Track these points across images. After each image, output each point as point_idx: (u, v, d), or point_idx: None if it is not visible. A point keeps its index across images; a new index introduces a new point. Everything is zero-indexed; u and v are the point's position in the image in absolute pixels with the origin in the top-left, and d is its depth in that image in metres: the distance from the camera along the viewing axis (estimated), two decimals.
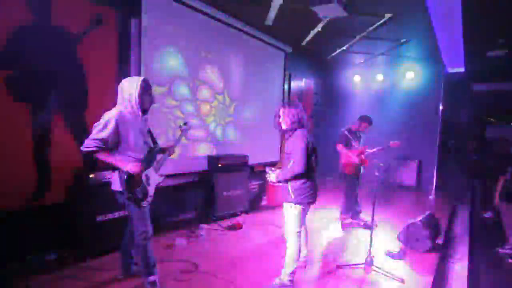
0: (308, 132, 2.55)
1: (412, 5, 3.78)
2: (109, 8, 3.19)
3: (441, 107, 6.83)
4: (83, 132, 3.07)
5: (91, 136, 2.02)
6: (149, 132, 2.36)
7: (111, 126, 2.03)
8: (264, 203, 5.21)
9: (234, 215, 4.37)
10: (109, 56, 3.26)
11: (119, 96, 2.17)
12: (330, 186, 6.74)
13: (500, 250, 3.91)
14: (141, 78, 2.18)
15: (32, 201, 2.73)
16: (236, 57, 4.92)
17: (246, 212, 4.56)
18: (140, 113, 2.16)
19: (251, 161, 4.92)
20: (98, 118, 3.11)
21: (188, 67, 4.13)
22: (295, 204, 2.44)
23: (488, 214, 5.38)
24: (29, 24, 2.63)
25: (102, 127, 2.03)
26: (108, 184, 2.87)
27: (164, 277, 2.56)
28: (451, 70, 6.72)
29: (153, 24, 3.60)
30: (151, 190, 2.26)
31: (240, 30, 4.86)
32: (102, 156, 2.04)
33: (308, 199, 2.48)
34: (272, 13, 4.28)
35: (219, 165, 4.19)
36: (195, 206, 4.28)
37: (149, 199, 2.25)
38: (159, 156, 2.39)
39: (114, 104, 3.25)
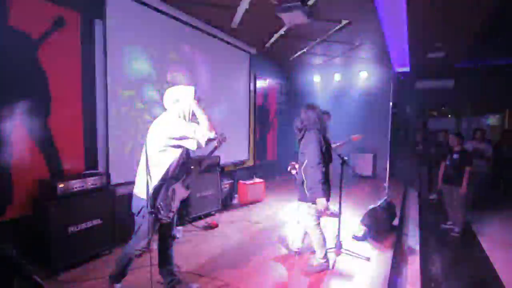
0: (321, 133, 2.75)
1: (366, 13, 4.18)
2: (71, 9, 3.07)
3: (391, 103, 7.56)
4: (48, 141, 2.94)
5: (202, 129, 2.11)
6: None
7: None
8: (235, 201, 5.34)
9: (208, 215, 4.45)
10: (72, 59, 3.13)
11: (173, 103, 2.20)
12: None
13: (443, 226, 4.55)
14: (192, 87, 2.24)
15: None
16: (203, 59, 4.97)
17: (220, 211, 4.66)
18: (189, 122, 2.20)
19: (221, 161, 5.02)
20: (62, 124, 3.04)
21: (156, 69, 4.10)
22: (312, 203, 2.70)
23: (433, 196, 6.14)
24: None
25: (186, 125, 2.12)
26: (77, 193, 2.83)
27: (147, 281, 2.57)
28: (398, 69, 7.48)
29: (119, 26, 3.51)
30: (174, 206, 2.16)
31: (206, 32, 4.91)
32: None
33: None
34: (238, 17, 4.42)
35: (191, 167, 4.22)
36: None
37: (171, 214, 2.15)
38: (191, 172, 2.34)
39: (77, 110, 3.19)
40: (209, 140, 2.09)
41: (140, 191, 2.10)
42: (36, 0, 2.78)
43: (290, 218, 4.38)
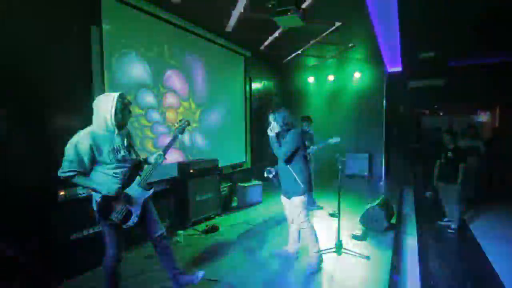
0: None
1: (358, 15, 4.26)
2: (69, 16, 3.07)
3: (384, 103, 7.68)
4: (47, 148, 2.92)
5: (64, 161, 1.98)
6: (130, 146, 2.25)
7: (72, 150, 1.97)
8: (234, 204, 5.35)
9: (208, 218, 4.45)
10: (70, 67, 3.13)
11: (94, 113, 2.09)
12: None
13: (440, 223, 4.62)
14: (117, 94, 2.10)
15: None
16: (199, 62, 5.00)
17: (219, 215, 4.67)
18: (116, 130, 2.09)
19: (219, 164, 5.03)
20: (61, 131, 3.02)
21: (152, 74, 4.10)
22: (304, 194, 2.81)
23: (428, 194, 6.24)
24: None
25: (69, 150, 1.98)
26: (80, 200, 2.83)
27: (151, 286, 2.59)
28: (391, 69, 7.60)
29: (115, 31, 3.53)
30: (135, 210, 2.16)
31: (201, 36, 4.95)
32: (79, 181, 2.00)
33: (309, 187, 2.90)
34: (233, 21, 4.46)
35: (191, 171, 4.24)
36: (168, 214, 4.27)
37: (135, 219, 2.15)
38: (144, 170, 2.27)
39: (77, 115, 3.18)
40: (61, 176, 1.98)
41: (92, 204, 2.13)
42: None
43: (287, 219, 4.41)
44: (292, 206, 2.93)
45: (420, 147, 6.74)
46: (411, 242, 3.71)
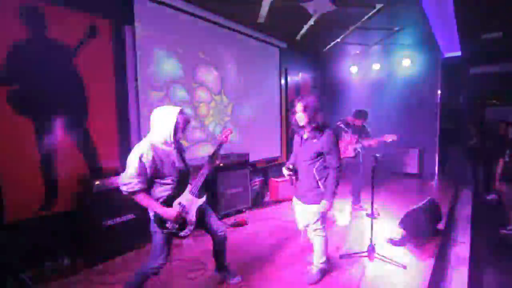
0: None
1: None
2: (102, 17, 3.26)
3: (439, 93, 6.82)
4: (86, 141, 3.18)
5: (128, 175, 1.92)
6: (182, 156, 2.23)
7: (136, 163, 1.93)
8: (267, 199, 5.28)
9: (238, 212, 4.45)
10: (105, 65, 3.33)
11: (153, 125, 2.06)
12: None
13: (503, 231, 3.96)
14: (177, 109, 2.07)
15: (42, 210, 2.83)
16: (231, 56, 4.97)
17: (250, 209, 4.64)
18: (173, 144, 2.09)
19: (253, 158, 4.98)
20: (98, 127, 3.26)
21: (184, 70, 4.19)
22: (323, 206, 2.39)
23: (490, 196, 5.40)
24: (25, 40, 2.70)
25: (133, 163, 1.94)
26: (114, 189, 3.02)
27: (173, 276, 2.65)
28: (447, 54, 6.69)
29: (147, 30, 3.65)
30: (191, 217, 2.15)
31: (233, 29, 4.89)
32: (140, 198, 1.96)
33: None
34: (264, 11, 4.32)
35: (220, 165, 4.26)
36: None
37: (191, 227, 2.15)
38: (195, 178, 2.25)
39: (111, 112, 3.39)
40: (126, 191, 1.93)
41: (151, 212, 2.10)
42: (69, 11, 2.99)
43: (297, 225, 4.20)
44: (308, 212, 2.53)
45: (482, 142, 5.83)
46: (460, 252, 3.22)
